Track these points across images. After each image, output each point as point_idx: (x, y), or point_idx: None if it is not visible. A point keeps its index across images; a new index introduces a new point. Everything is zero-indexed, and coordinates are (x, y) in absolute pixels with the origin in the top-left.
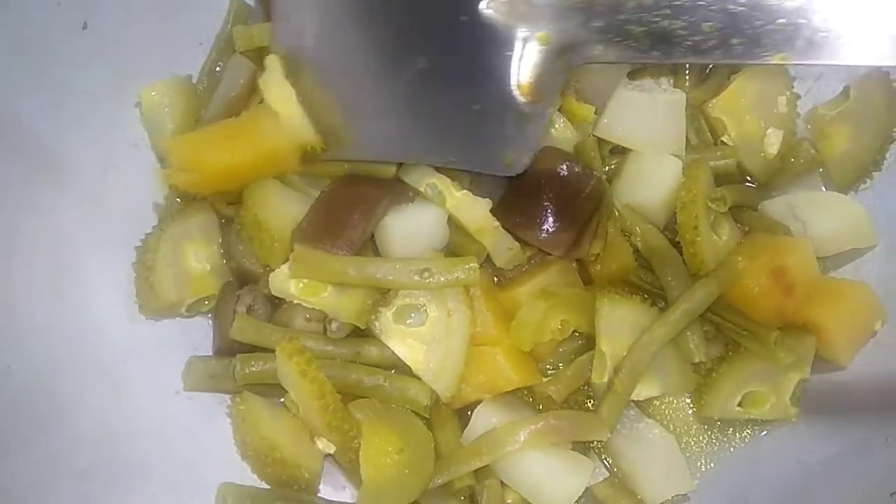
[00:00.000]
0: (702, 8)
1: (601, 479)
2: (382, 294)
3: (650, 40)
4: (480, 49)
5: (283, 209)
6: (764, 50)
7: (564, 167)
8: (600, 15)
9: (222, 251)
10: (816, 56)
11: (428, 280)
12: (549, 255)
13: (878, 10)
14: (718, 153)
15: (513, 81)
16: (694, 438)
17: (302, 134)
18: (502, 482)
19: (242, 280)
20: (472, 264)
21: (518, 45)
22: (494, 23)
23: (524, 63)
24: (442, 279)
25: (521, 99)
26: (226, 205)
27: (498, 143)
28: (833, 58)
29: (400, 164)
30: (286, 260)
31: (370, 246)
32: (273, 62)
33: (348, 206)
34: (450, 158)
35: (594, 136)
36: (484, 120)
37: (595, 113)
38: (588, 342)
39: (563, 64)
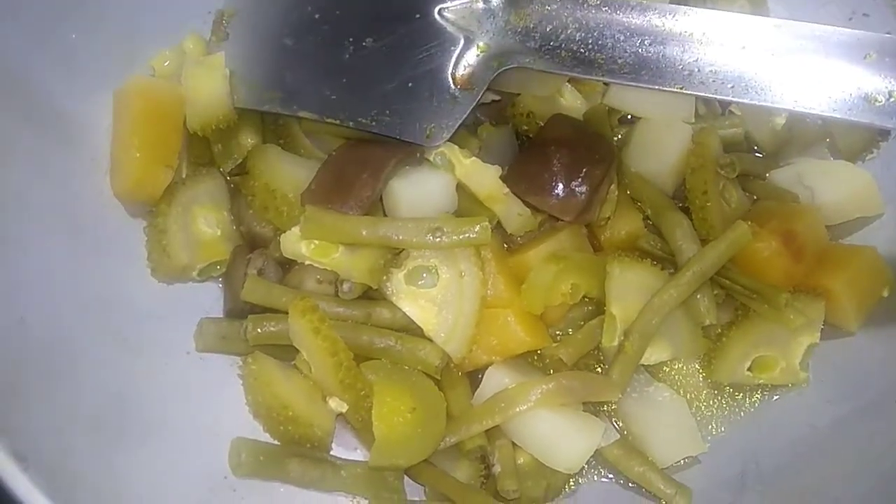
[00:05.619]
0: (618, 48)
1: (612, 440)
2: (394, 255)
3: (574, 62)
4: (426, 41)
5: (291, 174)
6: (666, 82)
7: (574, 133)
8: (535, 39)
9: (232, 217)
10: (706, 91)
11: (440, 239)
12: (560, 220)
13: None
14: (727, 122)
15: (449, 72)
16: (704, 403)
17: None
18: (513, 443)
19: (253, 244)
20: (483, 223)
21: (461, 46)
22: (444, 26)
23: (462, 60)
24: (454, 238)
25: (454, 86)
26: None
27: (423, 116)
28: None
29: None
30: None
31: (379, 210)
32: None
33: (357, 165)
34: (372, 122)
35: (604, 104)
36: (416, 95)
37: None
38: (598, 308)
39: (496, 64)
